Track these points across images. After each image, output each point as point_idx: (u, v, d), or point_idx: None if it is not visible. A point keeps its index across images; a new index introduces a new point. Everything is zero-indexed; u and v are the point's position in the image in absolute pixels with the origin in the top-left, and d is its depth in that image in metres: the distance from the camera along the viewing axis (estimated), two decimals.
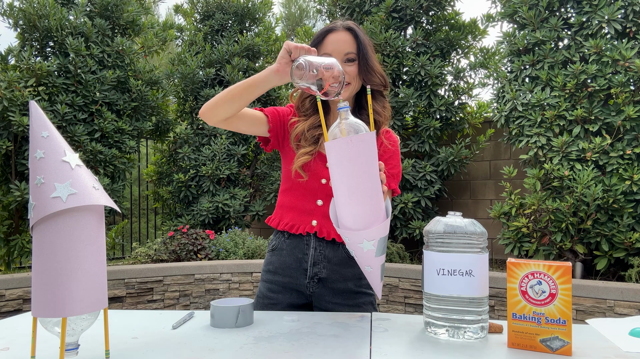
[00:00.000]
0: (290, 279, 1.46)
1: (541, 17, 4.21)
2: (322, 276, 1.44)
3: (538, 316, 0.99)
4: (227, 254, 4.87)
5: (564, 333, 0.98)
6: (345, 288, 1.45)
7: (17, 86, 4.31)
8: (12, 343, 1.09)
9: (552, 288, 0.99)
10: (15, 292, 3.80)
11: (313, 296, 1.47)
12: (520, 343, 1.01)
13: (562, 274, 0.98)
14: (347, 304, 1.45)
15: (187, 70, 5.87)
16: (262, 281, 1.53)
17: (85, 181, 0.86)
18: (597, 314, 3.28)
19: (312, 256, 1.43)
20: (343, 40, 1.39)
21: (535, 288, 1.00)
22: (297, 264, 1.45)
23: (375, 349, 1.03)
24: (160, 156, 6.35)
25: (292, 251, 1.45)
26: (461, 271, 1.06)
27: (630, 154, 3.71)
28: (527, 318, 1.00)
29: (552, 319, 0.98)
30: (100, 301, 0.88)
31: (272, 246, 1.51)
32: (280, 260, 1.47)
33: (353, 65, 1.39)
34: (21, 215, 4.68)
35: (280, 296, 1.47)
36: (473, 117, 5.33)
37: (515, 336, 1.02)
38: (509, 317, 1.03)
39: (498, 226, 5.16)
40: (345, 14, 5.60)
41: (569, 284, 0.98)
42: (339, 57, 1.38)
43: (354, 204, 1.11)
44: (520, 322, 1.01)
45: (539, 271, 1.00)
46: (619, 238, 3.62)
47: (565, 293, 0.98)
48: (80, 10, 4.93)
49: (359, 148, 1.08)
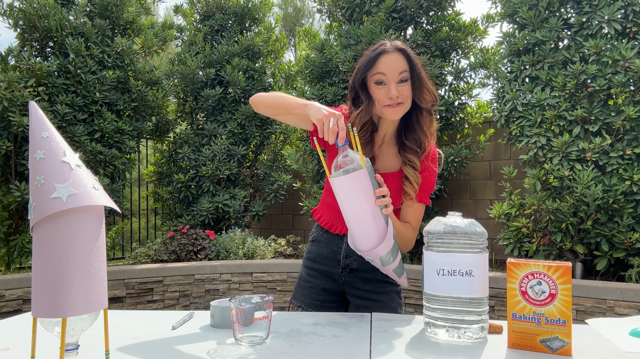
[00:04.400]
0: (326, 267, 1.61)
1: (541, 17, 4.21)
2: (353, 267, 1.58)
3: (538, 316, 1.00)
4: (227, 254, 4.87)
5: (564, 333, 0.98)
6: (374, 277, 1.57)
7: (17, 86, 4.31)
8: (12, 343, 1.09)
9: (552, 288, 0.99)
10: (15, 292, 3.80)
11: (345, 284, 1.60)
12: (521, 343, 1.02)
13: (562, 274, 0.98)
14: (376, 292, 1.58)
15: (187, 70, 5.87)
16: (303, 266, 1.69)
17: (85, 182, 0.86)
18: (597, 314, 3.28)
19: (345, 249, 1.58)
20: (395, 61, 1.41)
21: (535, 288, 1.00)
22: (332, 255, 1.60)
23: (375, 350, 1.03)
24: (160, 156, 6.35)
25: (329, 243, 1.61)
26: (461, 271, 1.07)
27: (630, 154, 3.71)
28: (527, 318, 1.01)
29: (552, 319, 0.98)
30: (100, 302, 0.88)
31: (312, 237, 1.68)
32: (318, 250, 1.64)
33: (406, 85, 1.42)
34: (21, 216, 4.68)
35: (317, 281, 1.63)
36: (473, 117, 5.33)
37: (516, 337, 1.02)
38: (509, 317, 1.03)
39: (498, 226, 5.16)
40: (345, 14, 5.60)
41: (569, 284, 0.98)
42: (394, 77, 1.41)
43: (355, 228, 1.28)
44: (520, 322, 1.01)
45: (539, 272, 1.00)
46: (619, 238, 3.62)
47: (565, 293, 0.98)
48: (80, 10, 4.93)
49: (353, 184, 1.21)
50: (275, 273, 4.49)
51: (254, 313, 1.05)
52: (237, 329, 1.06)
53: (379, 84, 1.42)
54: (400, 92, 1.40)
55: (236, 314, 1.05)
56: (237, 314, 1.05)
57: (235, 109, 6.03)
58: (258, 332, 1.06)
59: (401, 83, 1.41)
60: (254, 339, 1.06)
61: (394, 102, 1.40)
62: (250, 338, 1.06)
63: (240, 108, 5.94)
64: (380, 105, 1.43)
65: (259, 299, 1.10)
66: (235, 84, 5.87)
